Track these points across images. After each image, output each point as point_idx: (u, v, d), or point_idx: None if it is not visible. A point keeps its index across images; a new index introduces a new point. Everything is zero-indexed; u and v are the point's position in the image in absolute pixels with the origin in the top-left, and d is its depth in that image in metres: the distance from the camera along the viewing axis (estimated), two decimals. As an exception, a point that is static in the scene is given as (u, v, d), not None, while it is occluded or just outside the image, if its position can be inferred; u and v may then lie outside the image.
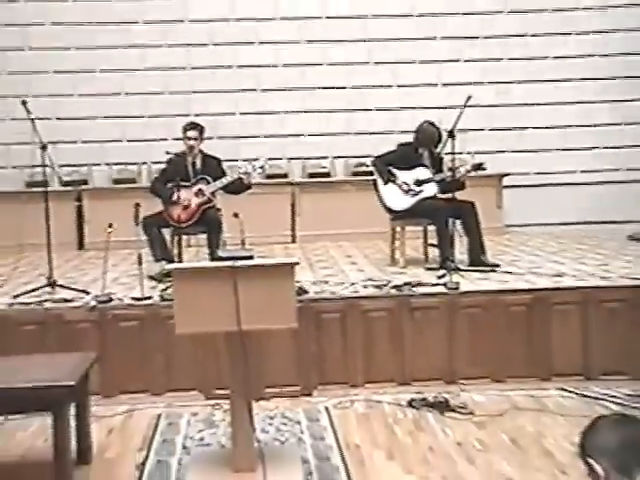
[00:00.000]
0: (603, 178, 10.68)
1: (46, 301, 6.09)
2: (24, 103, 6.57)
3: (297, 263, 4.15)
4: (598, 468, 2.19)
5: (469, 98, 6.86)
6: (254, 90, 10.72)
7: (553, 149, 10.80)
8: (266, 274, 3.98)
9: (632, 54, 10.79)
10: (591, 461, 2.22)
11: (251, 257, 4.10)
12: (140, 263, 6.22)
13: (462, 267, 6.98)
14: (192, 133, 7.31)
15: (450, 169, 7.25)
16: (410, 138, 7.68)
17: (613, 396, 5.57)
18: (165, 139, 9.64)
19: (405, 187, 7.35)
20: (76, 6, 10.59)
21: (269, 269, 4.05)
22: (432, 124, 7.48)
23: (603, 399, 5.53)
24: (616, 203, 10.42)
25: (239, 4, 10.69)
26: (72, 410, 4.40)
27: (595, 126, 10.80)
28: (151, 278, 6.73)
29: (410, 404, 5.46)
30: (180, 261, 7.21)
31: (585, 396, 5.62)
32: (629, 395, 5.57)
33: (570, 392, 5.71)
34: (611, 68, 10.79)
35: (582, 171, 10.74)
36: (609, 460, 2.18)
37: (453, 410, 5.33)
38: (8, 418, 5.20)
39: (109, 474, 4.46)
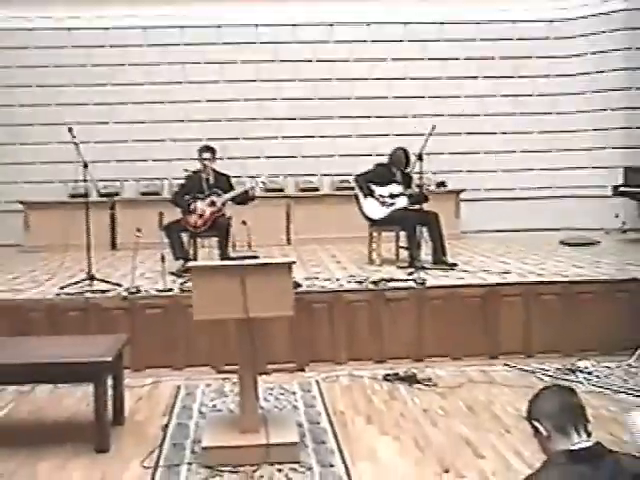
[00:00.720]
0: (539, 194, 10.73)
1: (86, 292, 6.07)
2: (70, 130, 6.55)
3: (294, 262, 4.16)
4: (542, 429, 2.22)
5: (433, 128, 6.88)
6: (256, 119, 10.69)
7: (499, 170, 10.82)
8: (268, 271, 3.97)
9: (559, 94, 10.82)
10: (536, 423, 2.24)
11: (256, 257, 4.11)
12: (163, 261, 6.22)
13: (427, 266, 6.99)
14: (206, 154, 7.28)
15: (418, 185, 7.27)
16: (385, 160, 7.69)
17: (547, 370, 5.61)
18: (183, 159, 9.57)
19: (381, 200, 7.36)
20: (112, 51, 10.54)
21: (271, 267, 4.04)
22: (403, 149, 7.51)
23: (539, 372, 5.56)
24: (549, 214, 10.50)
25: (244, 50, 10.64)
26: (109, 381, 4.38)
27: (532, 152, 10.82)
28: (172, 273, 6.69)
29: (385, 378, 5.47)
30: (195, 259, 7.18)
31: (525, 370, 5.65)
32: (558, 369, 5.62)
33: (513, 367, 5.74)
34: (541, 105, 10.83)
35: (522, 188, 10.78)
36: (550, 422, 2.21)
37: (420, 383, 5.34)
38: (58, 386, 5.22)
39: (139, 433, 4.45)
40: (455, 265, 7.08)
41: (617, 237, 9.78)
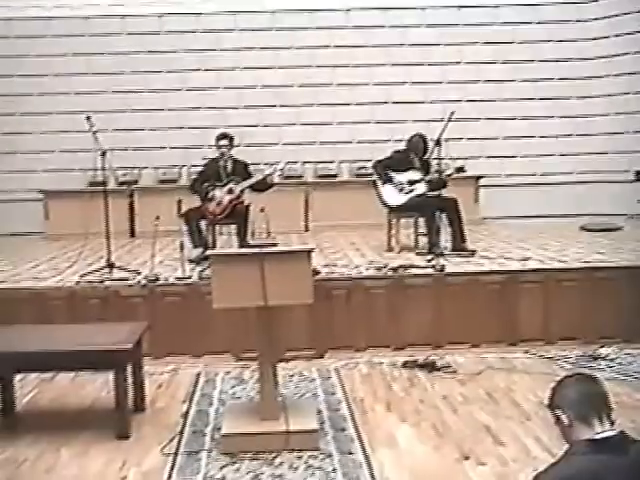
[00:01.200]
0: (560, 180, 10.62)
1: (106, 280, 6.12)
2: (88, 118, 6.57)
3: (313, 249, 4.15)
4: (564, 418, 2.20)
5: (452, 113, 6.86)
6: (274, 106, 10.67)
7: (519, 156, 10.75)
8: (287, 259, 3.97)
9: (580, 79, 10.70)
10: (558, 412, 2.23)
11: (275, 245, 4.10)
12: (182, 249, 6.25)
13: (446, 252, 6.95)
14: (223, 142, 7.27)
15: (437, 171, 7.24)
16: (403, 146, 7.66)
17: (568, 357, 5.58)
18: (202, 146, 9.61)
19: (400, 186, 7.33)
20: (128, 38, 10.56)
21: (290, 255, 4.05)
22: (421, 136, 7.46)
23: (559, 359, 5.53)
24: (571, 200, 10.37)
25: (261, 36, 10.62)
26: (129, 368, 4.42)
27: (553, 137, 10.74)
28: (190, 261, 6.70)
29: (404, 365, 5.46)
30: (214, 247, 7.21)
31: (545, 357, 5.62)
32: (579, 356, 5.58)
33: (533, 354, 5.71)
34: (563, 90, 10.72)
35: (542, 174, 10.69)
36: (572, 411, 2.20)
37: (439, 370, 5.33)
38: (79, 374, 5.27)
39: (159, 420, 4.48)
40: (474, 252, 7.04)
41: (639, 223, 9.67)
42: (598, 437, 2.11)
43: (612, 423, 2.17)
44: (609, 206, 10.05)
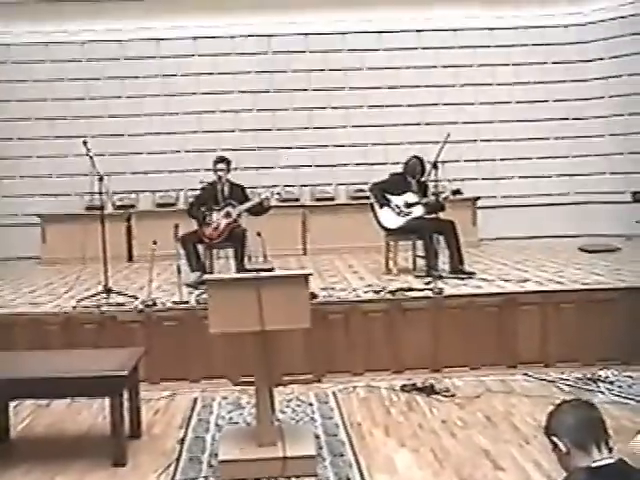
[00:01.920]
0: (557, 201, 10.66)
1: (103, 305, 6.10)
2: (85, 143, 6.60)
3: (311, 274, 4.15)
4: (561, 444, 2.19)
5: (448, 135, 6.88)
6: (270, 130, 10.72)
7: (516, 177, 10.79)
8: (284, 283, 3.97)
9: (575, 100, 10.77)
10: (555, 439, 2.21)
11: (272, 269, 4.10)
12: (179, 273, 6.23)
13: (444, 275, 6.95)
14: (221, 165, 7.29)
15: (434, 194, 7.26)
16: (399, 168, 7.68)
17: (566, 379, 5.57)
18: (198, 170, 9.63)
19: (397, 209, 7.34)
20: (126, 63, 10.63)
21: (287, 279, 4.04)
22: (418, 158, 7.48)
23: (559, 382, 5.51)
24: (568, 221, 10.40)
25: (257, 60, 10.69)
26: (125, 394, 4.39)
27: (549, 157, 10.78)
28: (188, 285, 6.70)
29: (402, 389, 5.44)
30: (212, 271, 7.20)
31: (544, 380, 5.60)
32: (579, 378, 5.56)
33: (532, 377, 5.68)
34: (557, 111, 10.78)
35: (539, 194, 10.72)
36: (570, 438, 2.18)
37: (438, 393, 5.31)
38: (75, 400, 5.23)
39: (156, 447, 4.45)
40: (473, 274, 7.04)
41: (638, 243, 9.66)
42: (596, 465, 2.10)
43: (610, 450, 2.15)
44: (607, 227, 10.07)
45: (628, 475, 2.07)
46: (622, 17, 10.44)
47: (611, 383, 5.39)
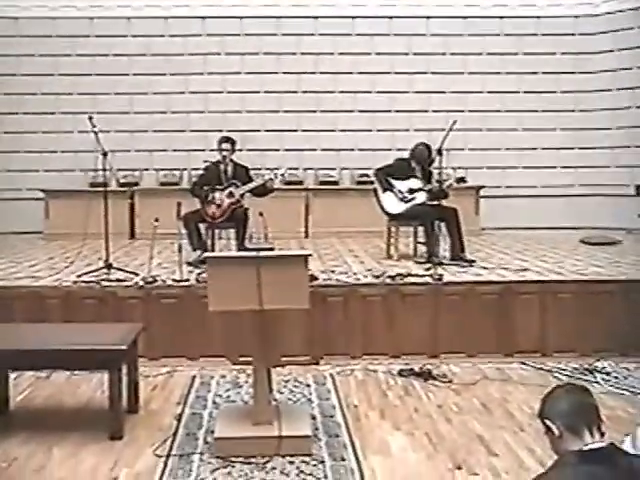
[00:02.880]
0: (560, 192, 10.65)
1: (103, 280, 6.11)
2: (90, 119, 6.58)
3: (310, 255, 4.16)
4: (554, 428, 2.20)
5: (454, 122, 6.86)
6: (277, 112, 10.69)
7: (520, 167, 10.77)
8: (284, 263, 3.97)
9: (583, 92, 10.73)
10: (548, 422, 2.22)
11: (272, 249, 4.10)
12: (180, 251, 6.25)
13: (445, 262, 6.95)
14: (225, 145, 7.29)
15: (437, 181, 7.25)
16: (404, 155, 7.66)
17: (563, 369, 5.58)
18: (203, 150, 9.63)
19: (400, 195, 7.34)
20: (133, 40, 10.60)
21: (287, 259, 4.05)
22: (426, 145, 7.45)
23: (555, 371, 5.53)
24: (570, 212, 10.41)
25: (266, 41, 10.65)
26: (124, 369, 4.41)
27: (554, 149, 10.76)
28: (189, 264, 6.71)
29: (400, 373, 5.46)
30: (213, 250, 7.20)
31: (541, 369, 5.61)
32: (575, 368, 5.58)
33: (529, 366, 5.70)
34: (565, 102, 10.74)
35: (542, 186, 10.71)
36: (562, 421, 2.19)
37: (435, 379, 5.33)
38: (74, 373, 5.27)
39: (153, 422, 4.48)
40: (473, 261, 7.04)
41: (639, 237, 9.66)
42: (587, 448, 2.11)
43: (602, 435, 2.16)
44: (609, 220, 10.06)
45: (617, 459, 2.09)
46: (631, 9, 10.38)
47: (607, 374, 5.41)
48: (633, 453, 2.17)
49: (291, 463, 3.84)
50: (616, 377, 5.35)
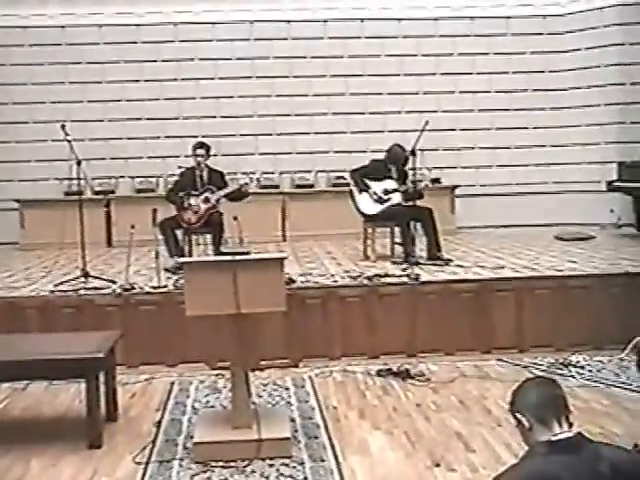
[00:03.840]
0: (534, 190, 10.74)
1: (80, 289, 6.08)
2: (63, 127, 6.56)
3: (285, 258, 4.17)
4: (524, 420, 2.23)
5: (427, 123, 6.91)
6: (251, 116, 10.69)
7: (494, 166, 10.86)
8: (260, 266, 3.99)
9: (553, 90, 10.84)
10: (519, 415, 2.25)
11: (248, 253, 4.10)
12: (157, 258, 6.23)
13: (422, 261, 6.99)
14: (200, 151, 7.28)
15: (412, 182, 7.28)
16: (379, 156, 7.70)
17: (540, 364, 5.64)
18: (178, 156, 9.60)
19: (375, 196, 7.37)
20: (105, 48, 10.53)
21: (262, 262, 4.05)
22: (400, 146, 7.49)
23: (532, 367, 5.58)
24: (545, 209, 10.52)
25: (238, 46, 10.65)
26: (102, 377, 4.39)
27: (527, 147, 10.86)
28: (166, 270, 6.69)
29: (378, 373, 5.48)
30: (190, 256, 7.18)
31: (518, 365, 5.66)
32: (551, 363, 5.63)
33: (506, 362, 5.74)
34: (538, 101, 10.84)
35: (517, 184, 10.79)
36: (531, 413, 2.22)
37: (413, 378, 5.35)
38: (52, 383, 5.23)
39: (132, 429, 4.46)
40: (450, 260, 7.09)
41: (612, 232, 9.78)
42: (556, 438, 2.15)
43: (570, 425, 2.19)
44: (582, 216, 10.19)
45: (585, 447, 2.12)
46: (599, 8, 10.51)
47: (582, 367, 5.48)
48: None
49: (271, 466, 3.84)
50: (590, 370, 5.42)
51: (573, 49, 10.76)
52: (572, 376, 5.27)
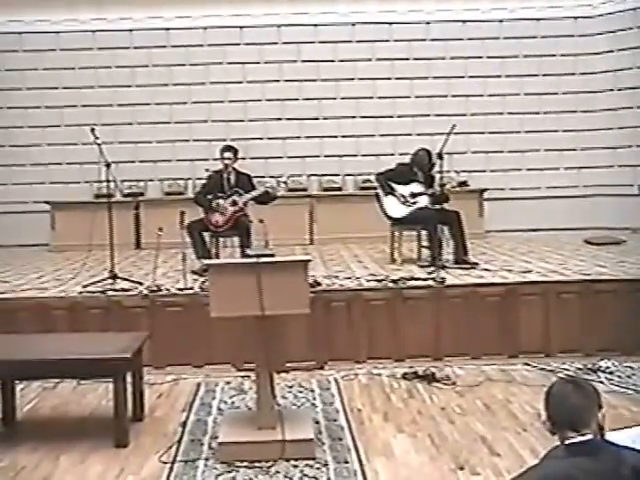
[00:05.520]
0: (564, 193, 10.65)
1: (108, 290, 6.17)
2: (92, 130, 6.67)
3: (310, 260, 4.20)
4: (548, 422, 2.23)
5: (454, 126, 6.90)
6: (279, 119, 10.76)
7: (523, 169, 10.80)
8: (284, 269, 4.02)
9: (584, 92, 10.75)
10: (546, 416, 2.25)
11: (272, 255, 4.15)
12: (184, 260, 6.30)
13: (448, 265, 6.99)
14: (228, 154, 7.34)
15: (439, 185, 7.28)
16: (407, 159, 7.70)
17: (567, 369, 5.60)
18: (207, 159, 9.68)
19: (402, 199, 7.38)
20: (135, 52, 10.68)
21: (287, 265, 4.10)
22: (427, 151, 7.49)
23: (559, 372, 5.53)
24: (574, 213, 10.41)
25: (266, 50, 10.72)
26: (129, 378, 4.46)
27: (557, 150, 10.78)
28: (193, 272, 6.76)
29: (403, 376, 5.49)
30: (217, 259, 7.23)
31: (545, 369, 5.64)
32: (579, 369, 5.60)
33: (533, 366, 5.73)
34: (569, 103, 10.76)
35: (547, 187, 10.72)
36: (558, 417, 2.22)
37: (438, 381, 5.36)
38: (80, 383, 5.33)
39: (158, 429, 4.52)
40: (476, 264, 7.07)
41: (644, 236, 9.68)
42: (573, 442, 2.14)
43: (601, 428, 2.18)
44: (613, 220, 10.08)
45: (602, 450, 2.12)
46: (630, 9, 10.40)
47: (611, 373, 5.42)
48: (622, 445, 2.19)
49: (295, 467, 3.88)
50: (619, 376, 5.37)
51: (604, 51, 10.67)
52: (601, 382, 5.22)
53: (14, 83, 10.62)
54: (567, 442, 2.14)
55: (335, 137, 10.78)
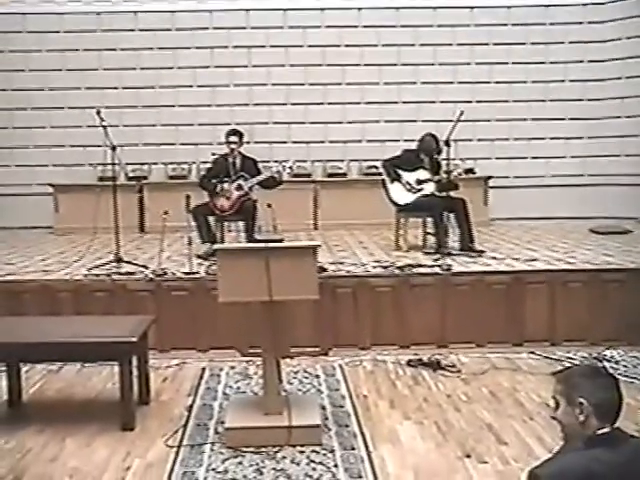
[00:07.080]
0: (570, 182, 10.61)
1: (113, 273, 6.16)
2: (98, 113, 6.64)
3: (319, 246, 4.18)
4: (583, 409, 2.20)
5: (461, 113, 6.86)
6: (285, 104, 10.70)
7: (529, 157, 10.76)
8: (293, 254, 4.00)
9: (591, 80, 10.69)
10: (582, 400, 2.19)
11: (281, 240, 4.13)
12: (190, 244, 6.28)
13: (454, 252, 6.97)
14: (233, 138, 7.32)
15: (446, 172, 7.25)
16: (412, 146, 7.67)
17: (572, 358, 5.59)
18: (211, 143, 9.65)
19: (408, 185, 7.34)
20: (140, 35, 10.61)
21: (295, 250, 4.08)
22: (433, 136, 7.45)
23: (564, 360, 5.54)
24: (580, 202, 10.39)
25: (272, 34, 10.65)
26: (135, 361, 4.46)
27: (563, 138, 10.73)
28: (198, 257, 6.75)
29: (409, 363, 5.49)
30: (222, 243, 7.23)
31: (550, 358, 5.63)
32: (584, 357, 5.60)
33: (538, 355, 5.72)
34: (573, 92, 10.71)
35: (552, 175, 10.68)
36: (595, 407, 2.19)
37: (444, 369, 5.36)
38: (85, 366, 5.33)
39: (164, 413, 4.53)
40: (482, 252, 7.05)
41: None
42: (595, 433, 2.13)
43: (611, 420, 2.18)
44: (619, 209, 10.04)
45: (622, 442, 2.11)
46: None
47: (616, 363, 5.42)
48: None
49: (301, 452, 3.88)
50: (625, 366, 5.36)
51: (612, 39, 10.58)
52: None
53: (17, 65, 10.55)
54: (599, 432, 2.11)
55: (340, 123, 10.74)
